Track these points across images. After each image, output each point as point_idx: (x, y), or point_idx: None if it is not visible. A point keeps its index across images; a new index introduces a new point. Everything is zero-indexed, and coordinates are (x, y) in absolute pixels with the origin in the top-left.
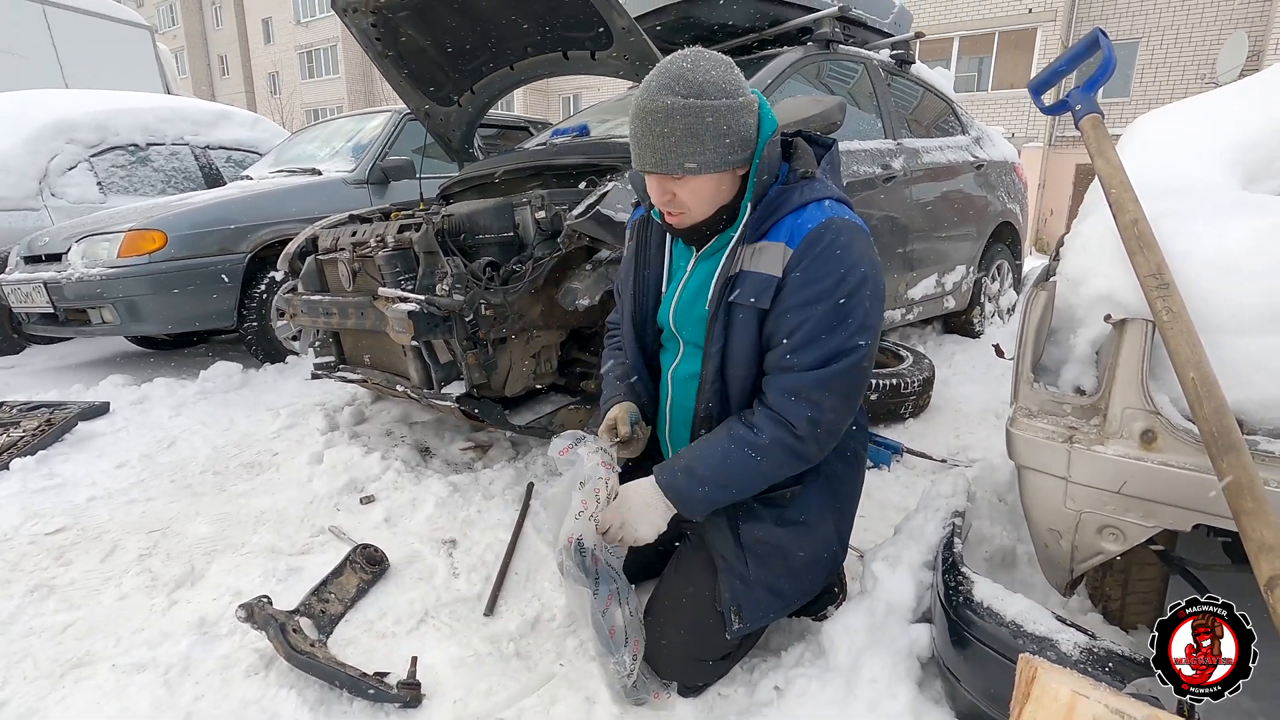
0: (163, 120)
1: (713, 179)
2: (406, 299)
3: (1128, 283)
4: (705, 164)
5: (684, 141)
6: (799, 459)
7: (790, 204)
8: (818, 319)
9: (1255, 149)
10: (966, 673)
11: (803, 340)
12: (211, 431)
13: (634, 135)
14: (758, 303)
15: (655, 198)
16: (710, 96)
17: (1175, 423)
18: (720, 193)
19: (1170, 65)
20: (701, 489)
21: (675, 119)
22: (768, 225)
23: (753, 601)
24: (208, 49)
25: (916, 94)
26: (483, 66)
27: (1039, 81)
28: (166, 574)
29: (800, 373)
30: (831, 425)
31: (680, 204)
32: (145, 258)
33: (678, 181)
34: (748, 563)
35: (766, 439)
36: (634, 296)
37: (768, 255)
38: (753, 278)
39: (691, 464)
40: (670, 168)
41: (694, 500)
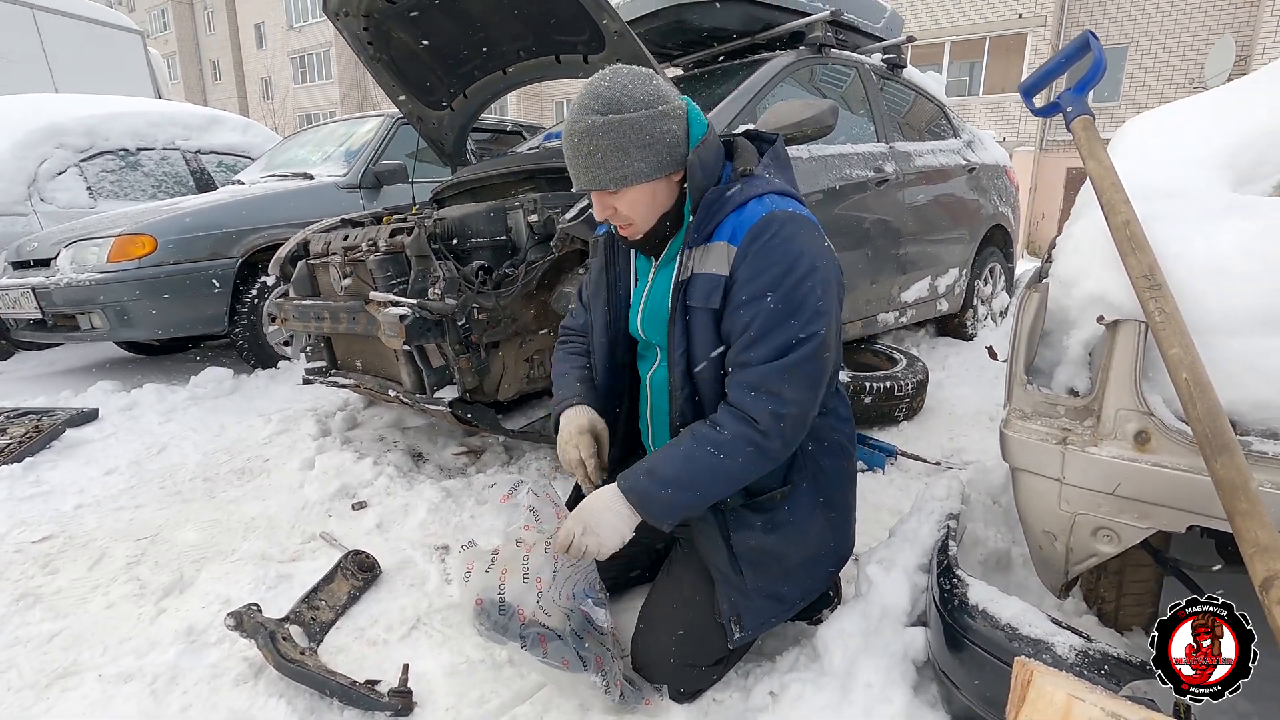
0: (153, 125)
1: (647, 189)
2: (398, 303)
3: (1120, 284)
4: (634, 174)
5: (610, 156)
6: (764, 455)
7: (730, 203)
8: (767, 312)
9: (1245, 151)
10: (962, 676)
11: (756, 334)
12: (202, 438)
13: (567, 159)
14: (708, 303)
15: (598, 214)
16: (629, 110)
17: (1169, 424)
18: (657, 201)
19: (1159, 70)
20: (665, 491)
21: (598, 136)
22: (710, 227)
23: (752, 609)
24: (200, 54)
25: (908, 98)
26: (475, 70)
27: (1030, 83)
28: (155, 582)
29: (757, 366)
30: (795, 417)
31: (623, 217)
32: (135, 263)
33: (614, 196)
34: (743, 572)
35: (728, 434)
36: (607, 310)
37: (713, 255)
38: (702, 279)
39: (654, 466)
40: (602, 183)
41: (658, 503)
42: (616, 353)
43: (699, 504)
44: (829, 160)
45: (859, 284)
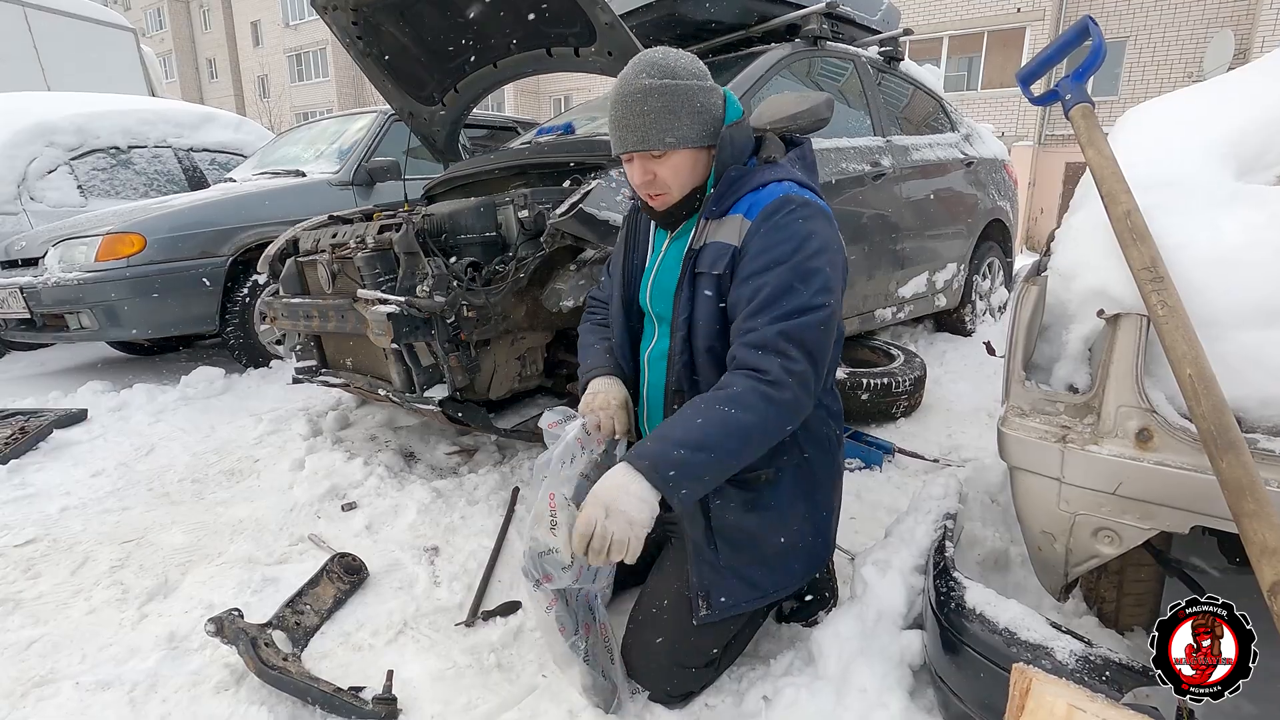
0: (145, 123)
1: (690, 155)
2: (386, 301)
3: (1121, 277)
4: (683, 138)
5: (662, 117)
6: (779, 409)
7: (750, 183)
8: (776, 281)
9: (1247, 140)
10: (959, 681)
11: (763, 303)
12: (191, 438)
13: (614, 119)
14: (713, 269)
15: (636, 179)
16: (682, 77)
17: (1172, 421)
18: (696, 170)
19: (1158, 64)
20: (678, 452)
21: (653, 97)
22: (728, 202)
23: (722, 588)
24: (196, 52)
25: (906, 91)
26: (465, 64)
27: (1028, 71)
28: (138, 586)
29: (763, 329)
30: (804, 374)
31: (661, 183)
32: (124, 261)
33: (658, 160)
34: (717, 547)
35: (738, 389)
36: (623, 280)
37: (727, 227)
38: (713, 247)
39: (664, 432)
40: (651, 143)
41: (673, 466)
42: (632, 321)
43: (717, 467)
44: (825, 154)
45: (856, 279)
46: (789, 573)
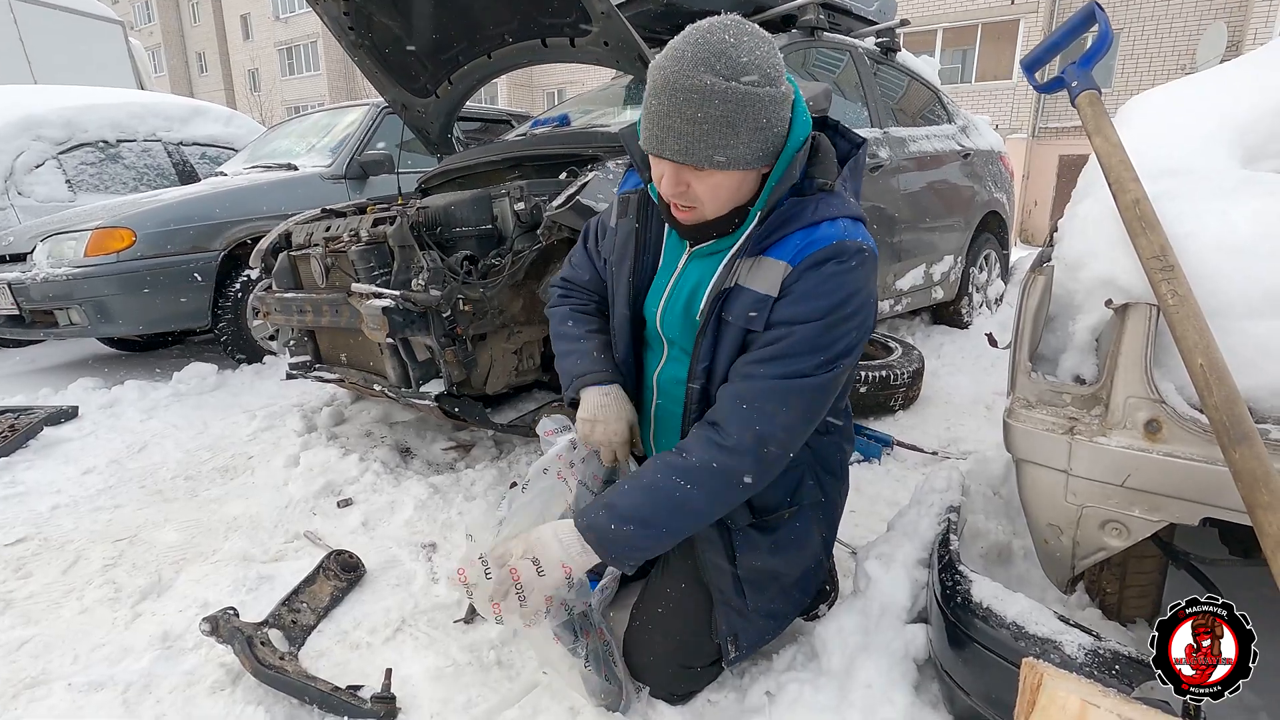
0: (134, 116)
1: (737, 176)
2: (381, 295)
3: (1130, 266)
4: (735, 159)
5: (717, 130)
6: (731, 487)
7: (802, 219)
8: (801, 335)
9: (1254, 128)
10: (965, 676)
11: (778, 352)
12: (184, 435)
13: (656, 113)
14: (749, 325)
15: (666, 188)
16: (755, 82)
17: (1181, 412)
18: (740, 192)
19: (1151, 56)
20: (625, 528)
21: (713, 103)
22: (773, 240)
23: (750, 630)
24: (185, 46)
25: (902, 82)
26: (459, 56)
27: (1032, 58)
28: (131, 585)
29: (760, 380)
30: (779, 446)
31: (693, 198)
32: (113, 256)
33: (698, 174)
34: (745, 594)
35: (696, 461)
36: (631, 282)
37: (766, 272)
38: (747, 295)
39: (615, 500)
40: (697, 159)
41: (616, 543)
42: (635, 334)
43: (660, 543)
44: None
45: None
46: (805, 593)
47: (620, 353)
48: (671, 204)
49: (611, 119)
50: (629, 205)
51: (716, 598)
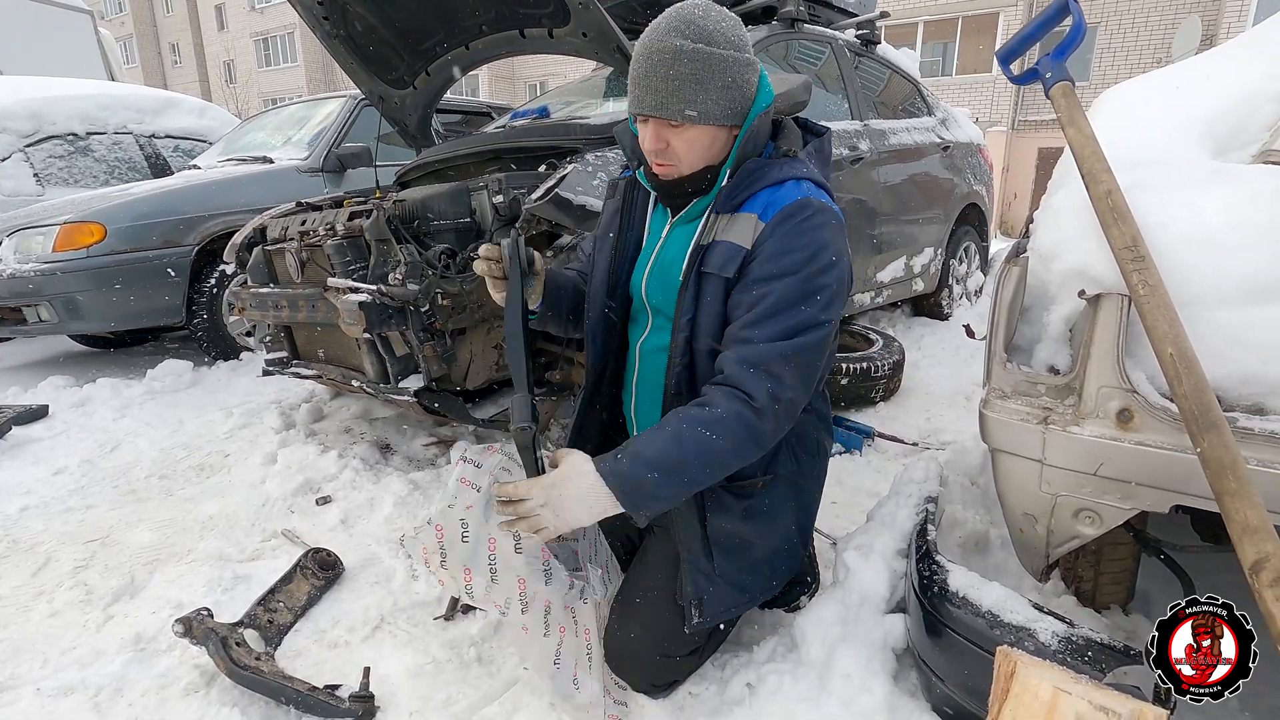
0: (103, 108)
1: (709, 132)
2: (357, 289)
3: (1102, 257)
4: (706, 113)
5: (687, 86)
6: (756, 439)
7: (768, 178)
8: (782, 292)
9: (1224, 119)
10: (942, 665)
11: (765, 312)
12: (159, 433)
13: (636, 76)
14: (723, 272)
15: (649, 144)
16: (719, 45)
17: (1152, 401)
18: (712, 149)
19: (1128, 49)
20: (649, 475)
21: (682, 62)
22: (743, 197)
23: (714, 595)
24: (158, 36)
25: (883, 75)
26: (437, 47)
27: (1008, 50)
28: (103, 587)
29: (760, 344)
30: (790, 403)
31: (672, 154)
32: (83, 252)
33: (674, 130)
34: (712, 555)
35: (722, 411)
36: (612, 255)
37: (739, 225)
38: (722, 247)
39: (638, 449)
40: (670, 112)
41: (640, 490)
42: (613, 303)
43: (683, 491)
44: None
45: None
46: (775, 573)
47: (591, 319)
48: (654, 163)
49: (592, 111)
50: (618, 188)
51: (684, 558)
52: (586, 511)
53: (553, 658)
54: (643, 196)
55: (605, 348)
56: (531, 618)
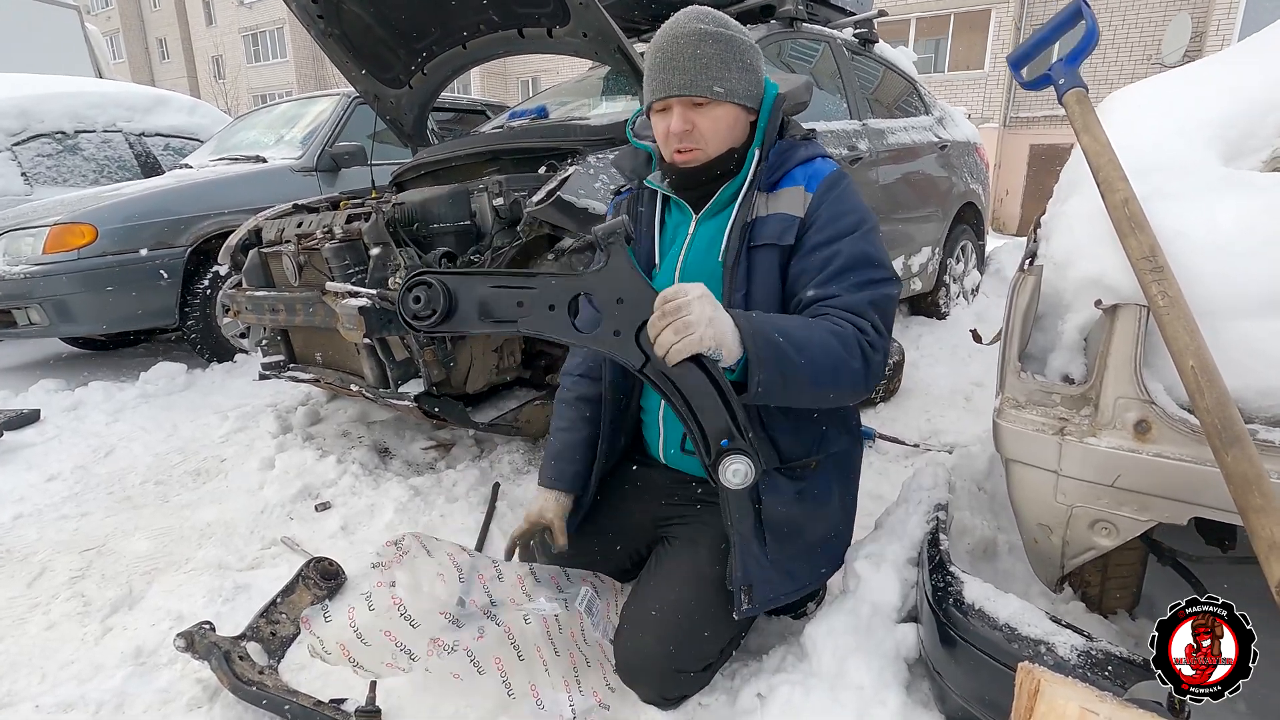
0: (92, 106)
1: (733, 111)
2: (357, 294)
3: (1119, 266)
4: (731, 91)
5: (714, 65)
6: (865, 369)
7: (797, 157)
8: (849, 252)
9: (1234, 125)
10: (958, 677)
11: (839, 270)
12: (153, 438)
13: (660, 60)
14: (781, 240)
15: (676, 126)
16: (737, 32)
17: (1171, 412)
18: (735, 130)
19: (1119, 47)
20: (778, 336)
21: (707, 43)
22: (780, 174)
23: (765, 581)
24: (145, 31)
25: (880, 74)
26: (433, 45)
27: (1019, 54)
28: (101, 598)
29: (845, 295)
30: (884, 350)
31: (698, 136)
32: (74, 253)
33: (700, 109)
34: (766, 540)
35: (849, 330)
36: None
37: (786, 198)
38: (775, 219)
39: (767, 316)
40: (700, 89)
41: (768, 344)
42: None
43: (797, 375)
44: None
45: None
46: (822, 562)
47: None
48: (677, 153)
49: (590, 110)
50: (620, 208)
51: (736, 543)
52: (724, 325)
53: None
54: (648, 210)
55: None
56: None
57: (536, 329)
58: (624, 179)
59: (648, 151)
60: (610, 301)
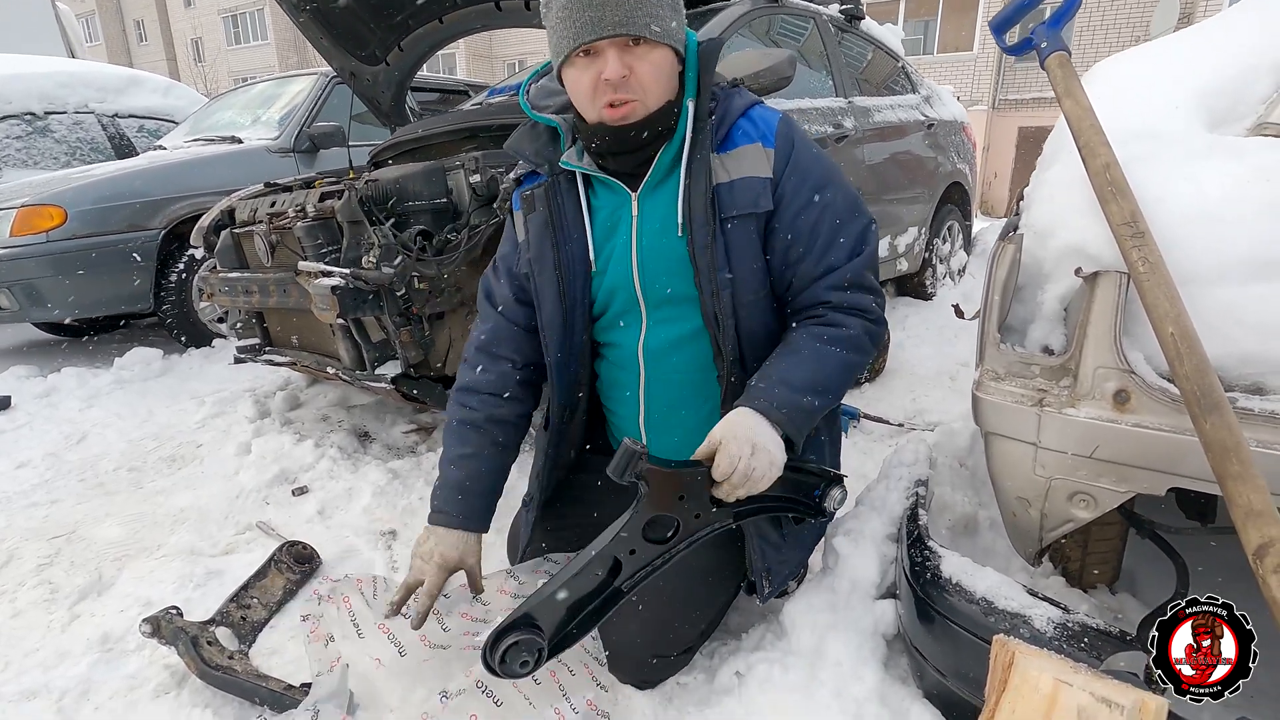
0: (62, 86)
1: (669, 56)
2: (330, 273)
3: (1099, 233)
4: (666, 32)
5: (646, 2)
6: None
7: (734, 108)
8: (834, 208)
9: (1219, 93)
10: (936, 652)
11: (829, 234)
12: (127, 424)
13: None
14: (758, 207)
15: (611, 73)
16: None
17: (1150, 381)
18: (671, 81)
19: (1108, 26)
20: (806, 399)
21: None
22: (724, 131)
23: (781, 563)
24: (122, 12)
25: (866, 51)
26: (409, 20)
27: (1001, 18)
28: (69, 585)
29: (843, 266)
30: (883, 305)
31: (636, 84)
32: (43, 236)
33: (635, 51)
34: (781, 523)
35: (853, 331)
36: (559, 279)
37: (747, 158)
38: (742, 184)
39: (785, 376)
40: (638, 27)
41: (801, 413)
42: (575, 331)
43: (827, 407)
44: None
45: None
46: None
47: (553, 356)
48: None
49: None
50: (534, 201)
51: (751, 534)
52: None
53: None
54: (571, 197)
55: (575, 381)
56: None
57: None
58: (527, 166)
59: (552, 126)
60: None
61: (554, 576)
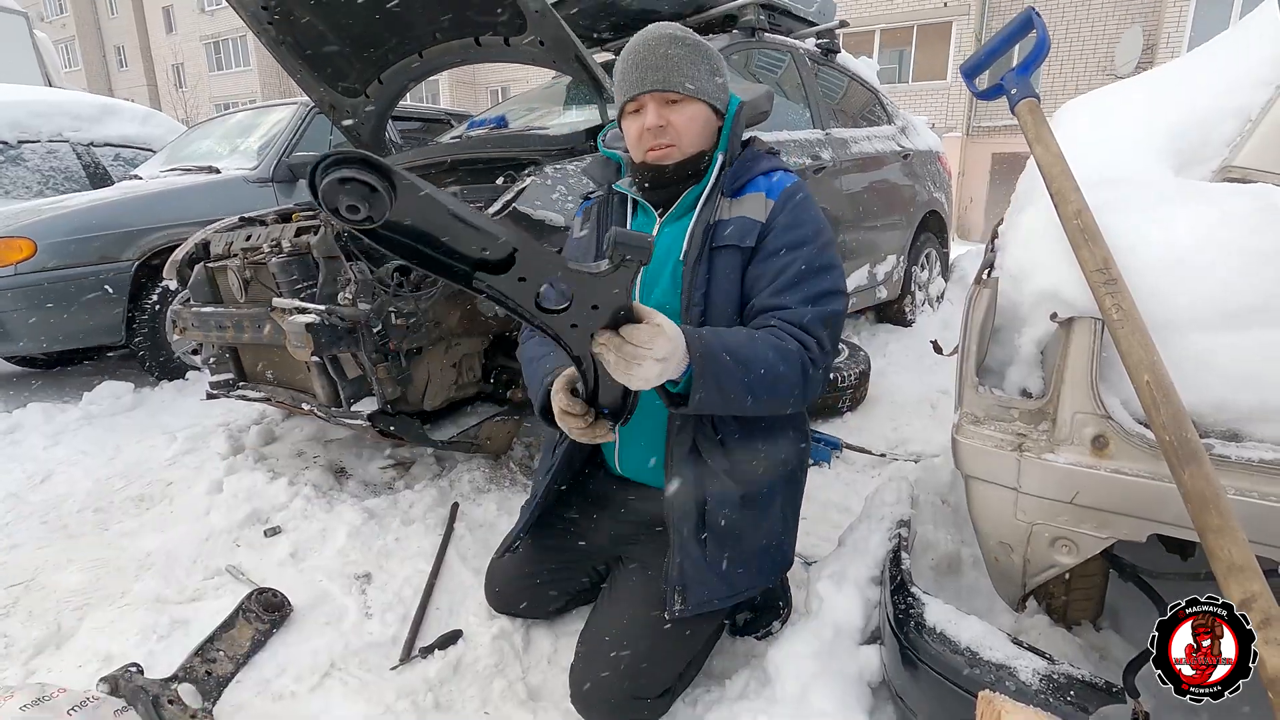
0: (37, 115)
1: (704, 110)
2: (305, 310)
3: (1073, 278)
4: (701, 89)
5: (684, 64)
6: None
7: (760, 168)
8: (805, 260)
9: (1185, 135)
10: (920, 701)
11: (792, 280)
12: (94, 462)
13: (632, 62)
14: (742, 243)
15: (651, 121)
16: (702, 40)
17: (1128, 428)
18: (706, 132)
19: (1074, 59)
20: (725, 356)
21: (677, 44)
22: (743, 181)
23: (700, 584)
24: (102, 39)
25: (843, 83)
26: (389, 53)
27: (972, 65)
28: (25, 638)
29: (796, 308)
30: (827, 367)
31: (672, 132)
32: (10, 269)
33: (674, 106)
34: (705, 544)
35: (792, 346)
36: None
37: (749, 203)
38: (737, 221)
39: (722, 334)
40: (673, 84)
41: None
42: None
43: (736, 394)
44: None
45: None
46: (761, 572)
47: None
48: (650, 151)
49: (552, 120)
50: (590, 215)
51: (675, 542)
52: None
53: None
54: (616, 214)
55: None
56: None
57: (493, 288)
58: (594, 185)
59: (617, 161)
60: (586, 303)
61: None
